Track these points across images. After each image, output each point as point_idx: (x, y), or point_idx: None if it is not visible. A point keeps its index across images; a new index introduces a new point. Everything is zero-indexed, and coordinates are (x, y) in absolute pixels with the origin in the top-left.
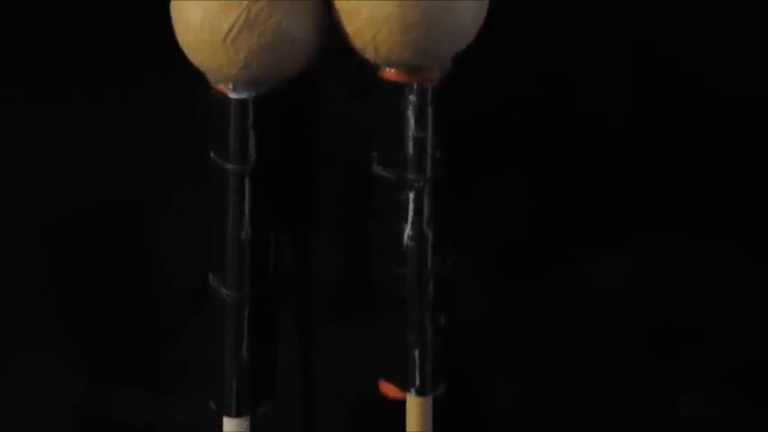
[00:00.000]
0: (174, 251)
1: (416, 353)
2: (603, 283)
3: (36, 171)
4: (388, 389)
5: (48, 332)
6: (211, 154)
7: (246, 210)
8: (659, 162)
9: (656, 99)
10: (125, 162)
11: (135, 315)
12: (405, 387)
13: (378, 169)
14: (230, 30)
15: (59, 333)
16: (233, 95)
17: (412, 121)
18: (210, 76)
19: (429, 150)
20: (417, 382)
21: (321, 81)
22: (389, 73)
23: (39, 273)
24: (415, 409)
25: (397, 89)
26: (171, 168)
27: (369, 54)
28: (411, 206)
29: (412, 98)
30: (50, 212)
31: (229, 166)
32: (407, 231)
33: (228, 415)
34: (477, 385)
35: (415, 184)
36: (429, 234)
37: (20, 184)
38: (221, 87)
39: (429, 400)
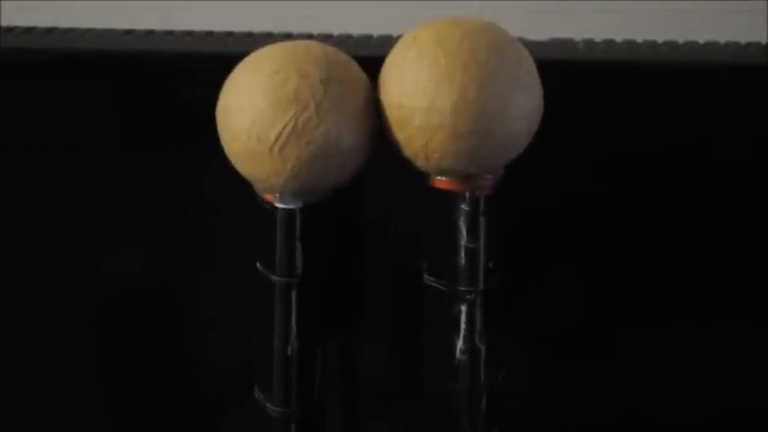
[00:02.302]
0: (217, 354)
1: None
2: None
3: (89, 265)
4: None
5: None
6: (258, 265)
7: (293, 323)
8: (701, 246)
9: (701, 187)
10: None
11: (175, 414)
12: None
13: (429, 280)
14: (277, 139)
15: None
16: (280, 205)
17: (464, 231)
18: (257, 186)
19: (481, 261)
20: None
21: (370, 189)
22: (440, 181)
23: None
24: None
25: (449, 198)
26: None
27: (419, 162)
28: (463, 318)
29: (464, 207)
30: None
31: (276, 279)
32: (459, 345)
33: None
34: None
35: (467, 297)
36: (482, 347)
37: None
38: (268, 197)
39: None
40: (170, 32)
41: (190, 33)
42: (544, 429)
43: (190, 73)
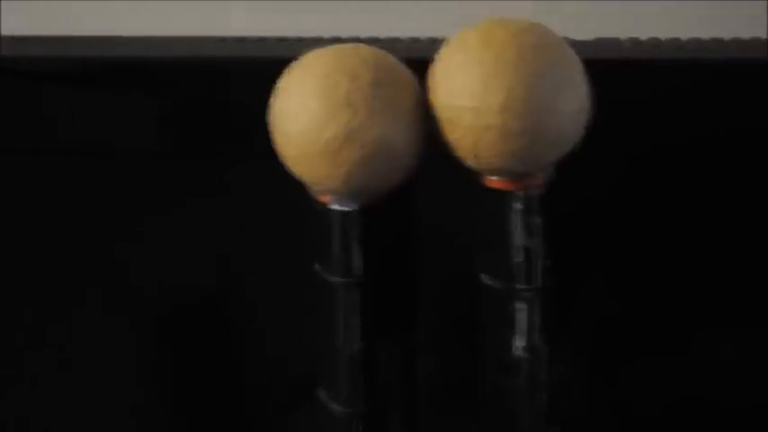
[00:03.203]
0: (277, 356)
1: None
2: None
3: (147, 268)
4: None
5: (142, 420)
6: (316, 266)
7: (356, 323)
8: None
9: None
10: (230, 264)
11: (238, 418)
12: None
13: (485, 279)
14: (330, 143)
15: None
16: (335, 207)
17: (520, 230)
18: (312, 188)
19: (538, 259)
20: None
21: (424, 189)
22: (493, 181)
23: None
24: None
25: (502, 197)
26: (276, 275)
27: (470, 162)
28: (522, 317)
29: (518, 206)
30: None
31: (333, 279)
32: (518, 342)
33: None
34: None
35: (526, 294)
36: (541, 344)
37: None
38: (323, 198)
39: None
40: (222, 39)
41: (241, 40)
42: (603, 428)
43: (243, 78)
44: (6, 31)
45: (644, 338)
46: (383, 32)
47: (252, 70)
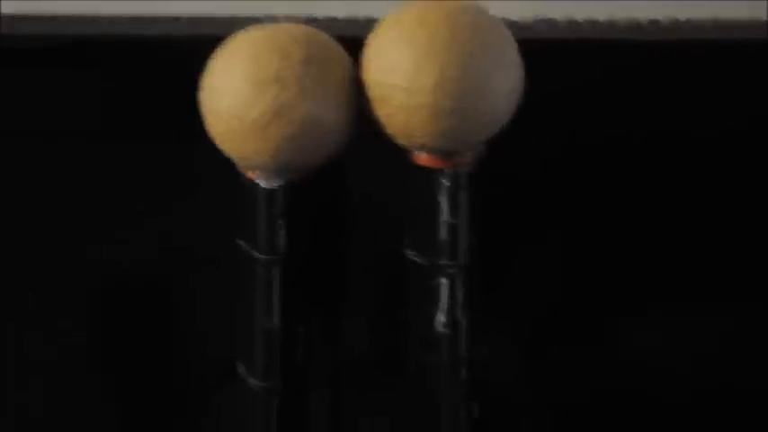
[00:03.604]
0: (203, 332)
1: None
2: (639, 352)
3: (76, 250)
4: None
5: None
6: (241, 242)
7: (275, 300)
8: (689, 229)
9: (694, 163)
10: (156, 241)
11: (163, 391)
12: None
13: (410, 255)
14: (259, 119)
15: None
16: (263, 184)
17: (445, 207)
18: (240, 165)
19: (463, 236)
20: None
21: (352, 167)
22: (422, 158)
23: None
24: None
25: (430, 174)
26: (203, 252)
27: (401, 140)
28: (444, 293)
29: (445, 183)
30: (83, 285)
31: (258, 256)
32: (440, 318)
33: None
34: None
35: (449, 270)
36: (463, 321)
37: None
38: (251, 175)
39: None
40: (155, 18)
41: (176, 19)
42: (526, 406)
43: (175, 57)
44: None
45: (570, 320)
46: (320, 12)
47: (185, 49)
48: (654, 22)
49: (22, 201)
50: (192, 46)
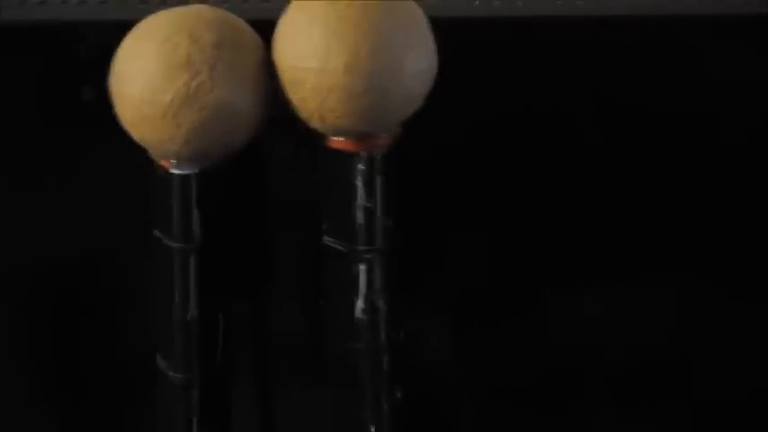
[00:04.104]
0: (121, 325)
1: (372, 429)
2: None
3: None
4: None
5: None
6: (155, 231)
7: (192, 290)
8: (619, 198)
9: (613, 137)
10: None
11: (85, 384)
12: None
13: (328, 241)
14: (171, 105)
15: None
16: (176, 171)
17: (361, 191)
18: (152, 152)
19: (379, 220)
20: None
21: (267, 152)
22: (337, 141)
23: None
24: None
25: (345, 158)
26: (117, 243)
27: (315, 123)
28: (362, 278)
29: (360, 167)
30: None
31: (173, 245)
32: (359, 304)
33: None
34: None
35: (366, 256)
36: (381, 306)
37: None
38: (164, 163)
39: None
40: (63, 1)
41: (84, 1)
42: (448, 390)
43: (83, 41)
44: None
45: (493, 299)
46: None
47: (92, 33)
48: None
49: None
50: (101, 30)
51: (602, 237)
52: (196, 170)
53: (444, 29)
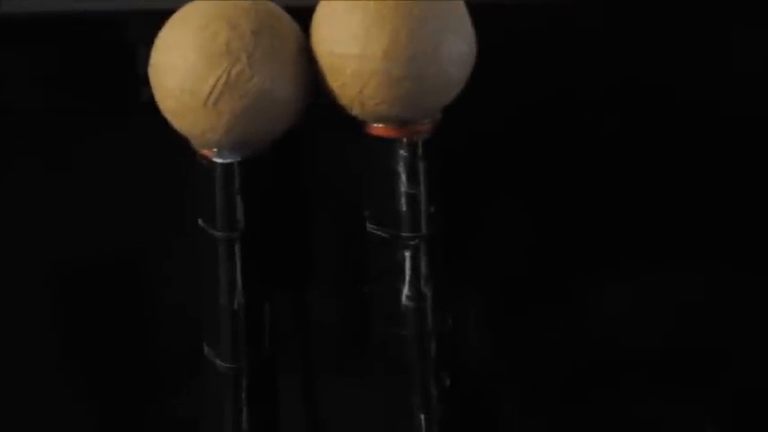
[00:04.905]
0: (170, 313)
1: (422, 416)
2: (608, 316)
3: (34, 229)
4: None
5: (46, 386)
6: (199, 221)
7: (238, 278)
8: (654, 190)
9: (646, 129)
10: (116, 223)
11: (132, 374)
12: None
13: (371, 228)
14: (211, 93)
15: (58, 386)
16: (218, 160)
17: (403, 177)
18: (194, 142)
19: (423, 206)
20: None
21: (308, 140)
22: (377, 128)
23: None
24: None
25: (387, 144)
26: (163, 231)
27: (355, 110)
28: (408, 265)
29: (402, 153)
30: (39, 269)
31: (218, 234)
32: (405, 291)
33: None
34: None
35: (411, 243)
36: (428, 293)
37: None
38: (205, 152)
39: None
40: None
41: None
42: (495, 375)
43: (119, 31)
44: None
45: (535, 285)
46: None
47: (129, 24)
48: None
49: None
50: (139, 19)
51: (646, 224)
52: (238, 159)
53: (483, 12)
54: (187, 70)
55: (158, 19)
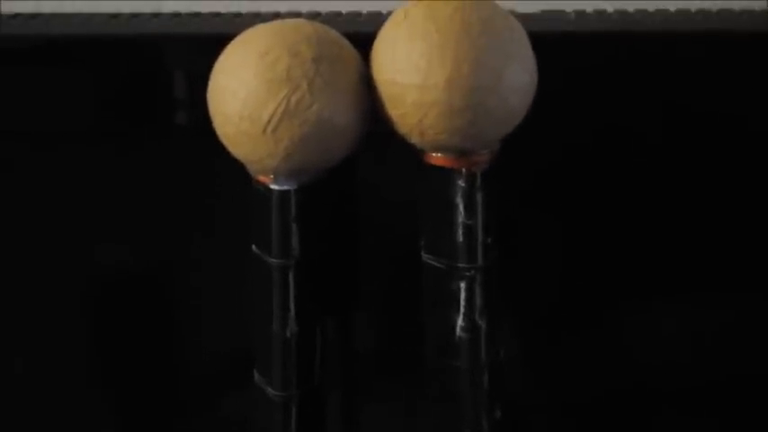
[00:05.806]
0: (216, 339)
1: None
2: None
3: (81, 253)
4: None
5: (78, 399)
6: (253, 247)
7: (291, 306)
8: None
9: (689, 158)
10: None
11: (172, 391)
12: None
13: (427, 258)
14: (270, 120)
15: (90, 400)
16: (275, 187)
17: (461, 208)
18: (251, 168)
19: (479, 237)
20: None
21: (365, 168)
22: (436, 158)
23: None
24: None
25: (445, 174)
26: (214, 257)
27: (414, 139)
28: (463, 296)
29: (460, 183)
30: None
31: (272, 261)
32: (459, 322)
33: None
34: None
35: (466, 273)
36: (482, 324)
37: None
38: (262, 179)
39: None
40: (156, 15)
41: (177, 15)
42: (546, 407)
43: (178, 56)
44: None
45: (588, 318)
46: (324, 7)
47: (188, 48)
48: (662, 12)
49: (23, 202)
50: (197, 44)
51: (695, 250)
52: (295, 186)
53: (543, 43)
54: (247, 96)
55: (195, 44)
